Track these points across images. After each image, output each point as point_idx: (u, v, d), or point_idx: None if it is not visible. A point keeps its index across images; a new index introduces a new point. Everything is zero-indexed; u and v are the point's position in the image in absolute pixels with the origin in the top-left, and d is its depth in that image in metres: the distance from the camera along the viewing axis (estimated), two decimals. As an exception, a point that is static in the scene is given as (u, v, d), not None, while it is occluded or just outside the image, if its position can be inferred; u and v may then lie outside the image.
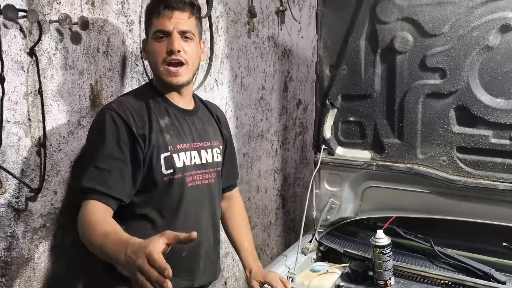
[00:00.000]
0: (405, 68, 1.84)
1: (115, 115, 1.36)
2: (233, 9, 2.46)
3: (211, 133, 1.60)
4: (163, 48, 1.40)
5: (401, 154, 1.91)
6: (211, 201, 1.58)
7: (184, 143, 1.48)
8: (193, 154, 1.50)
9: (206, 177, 1.54)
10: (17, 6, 1.37)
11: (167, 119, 1.46)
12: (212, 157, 1.57)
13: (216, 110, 1.73)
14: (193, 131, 1.52)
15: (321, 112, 2.07)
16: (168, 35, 1.40)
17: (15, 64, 1.42)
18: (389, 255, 1.76)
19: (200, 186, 1.52)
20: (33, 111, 1.48)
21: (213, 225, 1.61)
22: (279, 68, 2.96)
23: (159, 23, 1.40)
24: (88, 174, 1.32)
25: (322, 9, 1.97)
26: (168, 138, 1.43)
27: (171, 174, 1.43)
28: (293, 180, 3.27)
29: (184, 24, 1.41)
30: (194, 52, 1.45)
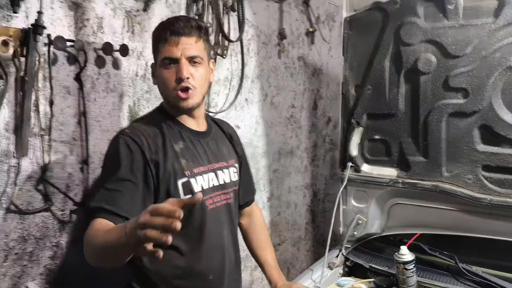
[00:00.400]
0: (428, 88, 1.88)
1: (129, 139, 1.34)
2: (264, 32, 2.58)
3: (226, 153, 1.58)
4: (172, 75, 1.37)
5: (427, 172, 1.95)
6: (230, 221, 1.57)
7: (200, 167, 1.44)
8: (210, 176, 1.47)
9: (225, 197, 1.52)
10: (65, 37, 1.52)
11: (181, 143, 1.43)
12: (230, 177, 1.55)
13: (228, 128, 1.70)
14: (208, 153, 1.50)
15: (347, 130, 2.13)
16: (176, 62, 1.37)
17: (63, 88, 1.56)
18: (412, 271, 1.79)
19: (220, 208, 1.51)
20: (77, 131, 1.62)
21: (233, 244, 1.59)
22: (308, 87, 3.05)
23: (167, 50, 1.37)
24: (98, 195, 1.29)
25: (349, 32, 2.05)
26: (184, 163, 1.40)
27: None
28: (323, 196, 3.32)
29: (192, 49, 1.38)
30: (203, 76, 1.41)
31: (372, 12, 1.97)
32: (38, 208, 1.51)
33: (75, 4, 1.58)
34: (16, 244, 1.46)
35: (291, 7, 2.79)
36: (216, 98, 2.28)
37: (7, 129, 1.41)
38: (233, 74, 2.36)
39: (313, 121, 3.14)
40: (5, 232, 1.42)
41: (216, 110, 2.26)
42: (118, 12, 1.74)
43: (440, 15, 1.81)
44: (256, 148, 2.60)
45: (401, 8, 1.88)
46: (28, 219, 1.49)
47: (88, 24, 1.63)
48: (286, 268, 2.97)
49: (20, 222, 1.46)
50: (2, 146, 1.40)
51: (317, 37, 3.04)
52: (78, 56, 1.60)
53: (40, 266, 1.53)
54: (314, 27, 2.96)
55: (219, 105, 2.30)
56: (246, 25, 2.38)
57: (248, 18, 2.41)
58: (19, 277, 1.47)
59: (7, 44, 1.35)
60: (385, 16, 1.93)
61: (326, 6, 3.12)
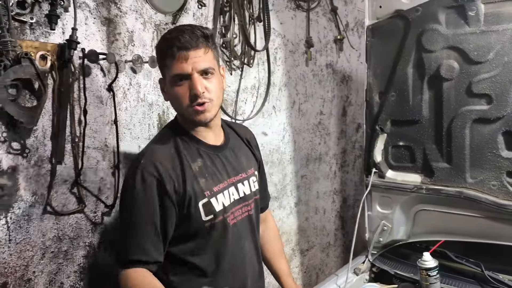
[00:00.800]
0: (451, 94, 1.88)
1: (146, 174, 1.32)
2: (291, 41, 2.63)
3: (245, 162, 1.55)
4: (186, 92, 1.33)
5: (451, 178, 1.94)
6: (252, 232, 1.56)
7: (220, 183, 1.42)
8: (231, 191, 1.45)
9: (246, 209, 1.51)
10: (98, 50, 1.63)
11: (199, 161, 1.40)
12: (250, 188, 1.53)
13: (245, 133, 1.66)
14: (227, 167, 1.47)
15: (371, 137, 2.15)
16: (188, 78, 1.32)
17: (96, 98, 1.67)
18: (435, 277, 1.80)
19: (242, 221, 1.50)
20: (109, 138, 1.73)
21: (257, 255, 1.59)
22: (337, 94, 3.08)
23: (176, 67, 1.32)
24: (130, 246, 1.33)
25: (371, 40, 2.08)
26: (203, 182, 1.37)
27: (212, 219, 1.39)
28: (353, 202, 3.33)
29: (202, 62, 1.32)
30: (217, 86, 1.38)
31: (394, 20, 1.99)
32: (72, 210, 1.62)
33: (108, 19, 1.69)
34: (52, 243, 1.57)
35: (318, 15, 2.84)
36: (243, 106, 2.35)
37: (45, 136, 1.53)
38: (260, 82, 2.43)
39: (342, 127, 3.17)
40: (42, 232, 1.54)
41: (243, 117, 2.33)
42: (148, 25, 1.84)
43: (461, 21, 1.81)
44: (283, 154, 2.65)
45: (423, 16, 1.89)
46: (63, 220, 1.60)
47: (120, 38, 1.74)
48: (315, 274, 3.00)
49: (55, 223, 1.57)
50: (40, 152, 1.52)
51: (345, 44, 3.07)
52: (110, 68, 1.71)
53: (74, 264, 1.64)
54: (342, 34, 2.99)
55: (247, 112, 2.37)
56: (272, 35, 2.46)
57: (274, 28, 2.48)
58: (55, 274, 1.58)
59: (45, 58, 1.47)
60: (406, 23, 1.94)
61: (355, 14, 3.15)
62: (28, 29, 1.45)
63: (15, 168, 1.45)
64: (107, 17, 1.69)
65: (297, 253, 2.83)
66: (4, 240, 1.44)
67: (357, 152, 3.35)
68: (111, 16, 1.70)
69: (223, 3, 2.12)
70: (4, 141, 1.42)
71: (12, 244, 1.46)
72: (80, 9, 1.59)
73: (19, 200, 1.47)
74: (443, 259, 2.03)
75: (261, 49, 2.28)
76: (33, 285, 1.52)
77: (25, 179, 1.48)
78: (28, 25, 1.44)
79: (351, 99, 3.21)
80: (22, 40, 1.42)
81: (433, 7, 1.86)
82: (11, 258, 1.46)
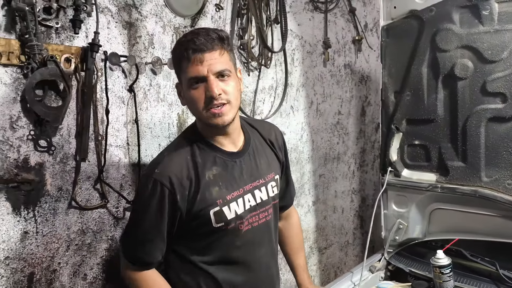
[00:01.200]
0: (466, 93, 1.89)
1: (158, 184, 1.33)
2: (308, 42, 2.67)
3: (265, 167, 1.52)
4: (202, 95, 1.31)
5: (466, 176, 1.94)
6: (270, 237, 1.55)
7: (234, 191, 1.41)
8: (246, 198, 1.43)
9: (263, 215, 1.50)
10: (119, 53, 1.71)
11: (214, 169, 1.39)
12: (267, 194, 1.51)
13: (269, 133, 1.61)
14: (244, 173, 1.45)
15: (387, 136, 2.17)
16: (204, 80, 1.30)
17: (118, 99, 1.75)
18: (449, 275, 1.81)
19: (258, 227, 1.48)
20: (131, 137, 1.81)
21: (273, 259, 1.59)
22: (356, 94, 3.10)
23: (192, 70, 1.30)
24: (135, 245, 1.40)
25: (386, 40, 2.10)
26: (216, 191, 1.37)
27: (222, 226, 1.39)
28: (372, 202, 3.33)
29: (218, 64, 1.30)
30: (234, 88, 1.35)
31: (408, 20, 2.01)
32: (96, 205, 1.70)
33: (129, 23, 1.77)
34: (76, 236, 1.66)
35: (336, 16, 2.87)
36: (261, 106, 2.40)
37: (69, 134, 1.61)
38: (278, 83, 2.48)
39: (361, 127, 3.18)
40: (67, 225, 1.62)
41: (261, 117, 2.39)
42: (167, 29, 1.91)
43: (475, 21, 1.82)
44: (301, 153, 2.69)
45: (437, 15, 1.90)
46: (87, 214, 1.68)
47: (140, 41, 1.82)
48: (333, 272, 3.03)
49: (80, 217, 1.66)
50: (66, 150, 1.61)
51: (364, 45, 3.09)
52: (131, 69, 1.79)
53: (97, 257, 1.72)
54: (361, 35, 3.01)
55: (265, 112, 2.42)
56: (290, 36, 2.51)
57: (292, 29, 2.53)
58: (79, 266, 1.67)
59: (70, 61, 1.56)
60: (421, 23, 1.96)
61: (374, 14, 3.16)
62: (54, 33, 1.54)
63: (42, 165, 1.55)
64: (128, 21, 1.77)
65: (315, 251, 2.87)
66: (32, 232, 1.53)
67: (376, 152, 3.36)
68: (132, 20, 1.78)
69: (240, 6, 2.18)
70: (32, 139, 1.51)
71: (39, 236, 1.55)
72: (103, 14, 1.67)
73: (46, 195, 1.57)
74: (458, 257, 2.04)
75: (278, 50, 2.33)
76: (58, 275, 1.61)
77: (51, 175, 1.57)
78: (53, 29, 1.54)
79: (370, 99, 3.22)
80: (48, 44, 1.51)
81: (447, 7, 1.87)
82: (38, 249, 1.55)
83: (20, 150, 1.49)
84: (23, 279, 1.52)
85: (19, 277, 1.51)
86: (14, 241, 1.49)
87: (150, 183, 1.34)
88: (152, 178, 1.34)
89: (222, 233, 1.40)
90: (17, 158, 1.48)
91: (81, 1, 1.56)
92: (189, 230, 1.40)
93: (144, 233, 1.37)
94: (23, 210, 1.51)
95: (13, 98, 1.46)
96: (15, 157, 1.48)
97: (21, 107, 1.48)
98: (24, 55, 1.45)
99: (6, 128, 1.45)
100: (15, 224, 1.49)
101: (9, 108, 1.45)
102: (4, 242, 1.47)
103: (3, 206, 1.46)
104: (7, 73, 1.44)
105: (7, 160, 1.46)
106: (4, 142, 1.45)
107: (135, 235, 1.40)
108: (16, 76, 1.46)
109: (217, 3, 2.10)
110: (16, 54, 1.43)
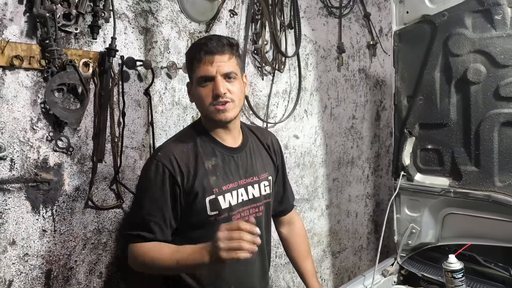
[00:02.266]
0: (479, 97, 1.89)
1: (160, 165, 1.42)
2: (322, 47, 2.70)
3: (259, 167, 1.60)
4: (209, 92, 1.41)
5: (479, 181, 1.94)
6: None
7: (230, 183, 1.49)
8: (240, 192, 1.52)
9: (253, 211, 1.56)
10: (136, 58, 1.76)
11: (213, 159, 1.49)
12: (260, 191, 1.58)
13: (266, 138, 1.71)
14: (240, 168, 1.54)
15: (400, 140, 2.17)
16: (212, 80, 1.41)
17: (134, 102, 1.80)
18: (461, 280, 1.80)
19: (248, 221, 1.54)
20: (146, 139, 1.85)
21: (261, 255, 1.62)
22: (370, 98, 3.10)
23: (202, 70, 1.41)
24: (135, 222, 1.45)
25: (398, 45, 2.11)
26: (213, 180, 1.46)
27: (216, 215, 1.46)
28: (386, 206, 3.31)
29: (226, 66, 1.42)
30: (239, 89, 1.46)
31: (420, 25, 2.01)
32: (111, 205, 1.75)
33: (145, 29, 1.82)
34: (93, 235, 1.71)
35: (351, 21, 2.88)
36: (275, 109, 2.43)
37: (87, 136, 1.67)
38: (292, 87, 2.51)
39: (376, 131, 3.18)
40: (84, 224, 1.68)
41: (275, 120, 2.42)
42: (183, 34, 1.96)
43: (487, 25, 1.82)
44: (315, 157, 2.71)
45: (449, 20, 1.90)
46: (103, 214, 1.73)
47: (156, 46, 1.87)
48: (346, 276, 3.03)
49: (96, 216, 1.71)
50: (83, 151, 1.66)
51: (379, 50, 3.09)
52: (147, 73, 1.84)
53: (112, 256, 1.77)
54: (375, 39, 3.02)
55: (278, 116, 2.45)
56: (304, 41, 2.53)
57: (306, 34, 2.56)
58: (95, 264, 1.72)
59: (88, 65, 1.62)
60: (433, 28, 1.97)
61: (389, 19, 3.15)
62: (73, 39, 1.60)
63: (60, 165, 1.60)
64: (144, 26, 1.82)
65: (328, 254, 2.87)
66: (50, 231, 1.59)
67: (391, 157, 3.33)
68: (148, 25, 1.83)
69: (254, 11, 2.21)
70: (51, 140, 1.56)
71: (57, 235, 1.60)
72: (120, 20, 1.73)
73: (64, 195, 1.62)
74: (471, 262, 2.03)
75: (292, 55, 2.36)
76: (75, 273, 1.66)
77: (69, 175, 1.63)
78: (72, 35, 1.59)
79: (385, 104, 3.22)
80: (67, 49, 1.56)
81: (460, 12, 1.88)
82: (56, 247, 1.60)
83: (40, 150, 1.55)
84: (41, 275, 1.57)
85: (37, 273, 1.56)
86: (33, 239, 1.54)
87: (153, 165, 1.44)
88: (154, 160, 1.45)
89: (216, 222, 1.44)
90: (36, 159, 1.54)
91: (99, 8, 1.61)
92: (185, 220, 1.47)
93: (145, 211, 1.43)
94: (41, 209, 1.56)
95: (33, 100, 1.52)
96: (35, 158, 1.54)
97: (41, 109, 1.54)
98: (44, 60, 1.50)
99: (27, 129, 1.51)
100: (34, 222, 1.55)
101: (29, 110, 1.51)
102: (23, 240, 1.52)
103: (22, 205, 1.51)
104: (28, 77, 1.50)
105: (27, 160, 1.52)
106: (25, 143, 1.51)
107: (137, 214, 1.46)
108: (36, 80, 1.52)
109: (231, 9, 2.14)
110: (37, 59, 1.49)
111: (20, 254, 1.52)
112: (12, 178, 1.49)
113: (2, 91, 1.45)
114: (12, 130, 1.48)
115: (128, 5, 1.76)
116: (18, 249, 1.51)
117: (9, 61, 1.43)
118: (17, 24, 1.47)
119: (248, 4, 2.19)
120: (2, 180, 1.47)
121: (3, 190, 1.47)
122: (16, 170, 1.49)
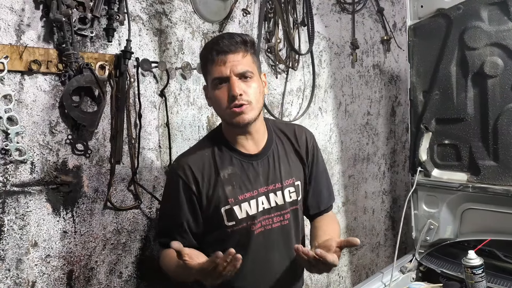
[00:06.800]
0: (497, 91, 1.87)
1: (174, 175, 1.44)
2: (336, 43, 2.68)
3: (284, 172, 1.50)
4: (224, 95, 1.35)
5: (498, 176, 1.92)
6: (286, 243, 1.51)
7: (247, 192, 1.43)
8: (260, 200, 1.45)
9: (278, 219, 1.48)
10: (150, 59, 1.78)
11: (230, 168, 1.43)
12: (284, 199, 1.49)
13: (300, 137, 1.59)
14: (260, 175, 1.47)
15: (416, 135, 2.16)
16: (227, 81, 1.34)
17: (150, 103, 1.82)
18: (481, 276, 1.79)
19: (272, 230, 1.47)
20: (162, 140, 1.87)
21: (289, 269, 1.53)
22: (385, 94, 3.08)
23: (215, 71, 1.35)
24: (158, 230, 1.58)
25: (413, 39, 2.10)
26: (229, 190, 1.41)
27: (234, 225, 1.42)
28: (403, 203, 3.29)
29: (240, 65, 1.34)
30: (256, 90, 1.38)
31: (435, 19, 2.00)
32: (130, 205, 1.77)
33: (159, 30, 1.84)
34: (112, 235, 1.73)
35: (364, 17, 2.87)
36: (289, 107, 2.43)
37: (105, 138, 1.69)
38: (306, 85, 2.50)
39: (391, 127, 3.16)
40: (103, 225, 1.70)
41: (290, 118, 2.41)
42: (196, 34, 1.97)
43: (504, 17, 1.80)
44: (330, 154, 2.70)
45: (464, 13, 1.89)
46: (122, 215, 1.75)
47: (170, 47, 1.88)
48: (364, 273, 3.02)
49: (115, 217, 1.73)
50: (101, 153, 1.68)
51: (393, 45, 3.07)
52: (162, 75, 1.85)
53: (132, 256, 1.79)
54: (389, 35, 3.00)
55: (293, 114, 2.45)
56: (317, 38, 2.53)
57: (319, 31, 2.55)
58: (115, 264, 1.74)
59: (104, 68, 1.63)
60: (448, 22, 1.95)
61: (402, 13, 3.13)
62: (89, 42, 1.62)
63: (79, 167, 1.62)
64: (158, 28, 1.83)
65: (345, 251, 2.87)
66: (71, 232, 1.61)
67: (407, 152, 3.32)
68: (162, 27, 1.84)
69: (267, 10, 2.21)
70: (70, 143, 1.59)
71: (77, 236, 1.63)
72: (134, 22, 1.74)
73: (83, 196, 1.64)
74: (491, 258, 2.01)
75: (305, 52, 2.35)
76: (96, 273, 1.68)
77: (88, 177, 1.65)
78: (88, 38, 1.61)
79: (400, 99, 3.20)
80: (84, 52, 1.58)
81: (475, 4, 1.86)
82: (76, 248, 1.63)
83: (59, 153, 1.57)
84: (63, 276, 1.59)
85: (59, 274, 1.59)
86: (54, 240, 1.57)
87: (169, 174, 1.52)
88: (171, 172, 1.51)
89: (233, 232, 1.43)
90: (56, 161, 1.56)
91: (114, 11, 1.63)
92: (207, 230, 1.47)
93: (164, 219, 1.51)
94: (62, 210, 1.59)
95: (52, 104, 1.54)
96: (55, 160, 1.56)
97: (59, 113, 1.56)
98: (62, 64, 1.52)
99: (46, 133, 1.54)
100: (55, 224, 1.57)
101: (48, 114, 1.54)
102: (45, 241, 1.55)
103: (44, 207, 1.54)
104: (46, 81, 1.52)
105: (47, 163, 1.54)
106: (45, 146, 1.53)
107: (158, 222, 1.57)
108: (54, 84, 1.54)
109: (244, 8, 2.14)
110: (54, 63, 1.51)
111: (42, 255, 1.54)
112: (33, 181, 1.51)
113: (21, 96, 1.48)
114: (32, 134, 1.51)
115: (142, 7, 1.78)
116: (40, 251, 1.54)
117: (27, 66, 1.45)
118: (34, 29, 1.49)
119: (260, 3, 2.19)
120: (24, 183, 1.49)
121: (24, 193, 1.50)
122: (37, 173, 1.52)
